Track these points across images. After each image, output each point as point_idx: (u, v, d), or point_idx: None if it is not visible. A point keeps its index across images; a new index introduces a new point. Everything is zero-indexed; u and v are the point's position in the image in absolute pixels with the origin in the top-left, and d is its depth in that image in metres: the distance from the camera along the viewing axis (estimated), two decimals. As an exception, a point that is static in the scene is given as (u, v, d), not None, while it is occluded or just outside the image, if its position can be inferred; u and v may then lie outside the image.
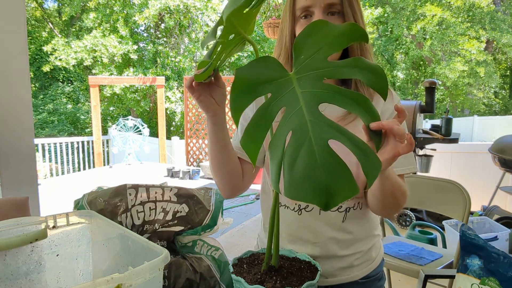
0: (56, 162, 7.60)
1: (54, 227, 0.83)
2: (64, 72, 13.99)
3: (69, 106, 13.76)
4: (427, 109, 3.58)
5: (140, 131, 7.98)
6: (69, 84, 14.50)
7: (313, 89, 0.59)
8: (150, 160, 8.29)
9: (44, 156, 7.27)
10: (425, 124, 4.58)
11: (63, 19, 14.70)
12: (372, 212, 0.98)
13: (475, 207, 3.54)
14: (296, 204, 0.95)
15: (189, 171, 6.50)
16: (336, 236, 0.94)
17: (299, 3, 0.87)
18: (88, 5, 12.30)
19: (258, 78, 0.60)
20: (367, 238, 1.00)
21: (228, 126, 0.94)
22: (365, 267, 0.99)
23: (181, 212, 1.05)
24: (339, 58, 0.89)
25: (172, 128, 12.67)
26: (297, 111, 0.57)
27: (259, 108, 0.58)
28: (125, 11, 11.69)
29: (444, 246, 2.64)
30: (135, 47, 11.33)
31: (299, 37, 0.63)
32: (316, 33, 0.62)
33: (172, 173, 6.63)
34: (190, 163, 7.89)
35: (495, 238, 2.40)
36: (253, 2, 0.65)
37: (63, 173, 7.84)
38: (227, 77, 7.59)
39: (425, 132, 3.70)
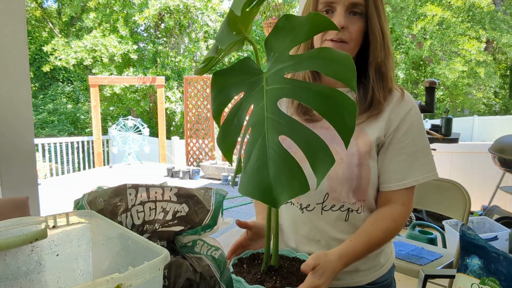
0: (56, 162, 7.60)
1: (54, 227, 0.83)
2: (64, 72, 13.98)
3: (69, 106, 13.75)
4: (427, 109, 3.57)
5: (140, 131, 7.98)
6: (69, 84, 14.50)
7: (276, 85, 0.59)
8: (150, 160, 8.29)
9: (44, 156, 7.27)
10: (425, 124, 4.59)
11: (63, 19, 14.70)
12: None
13: (475, 207, 3.54)
14: (297, 202, 0.94)
15: (189, 171, 6.50)
16: (340, 237, 0.91)
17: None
18: (88, 5, 12.30)
19: (232, 79, 0.62)
20: None
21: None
22: (372, 273, 0.95)
23: (181, 212, 1.05)
24: (356, 61, 0.87)
25: (172, 128, 12.67)
26: (260, 107, 0.57)
27: (232, 107, 0.60)
28: (125, 11, 11.69)
29: (444, 246, 2.64)
30: (135, 47, 11.33)
31: (269, 35, 0.63)
32: (281, 28, 0.61)
33: (172, 173, 6.63)
34: (190, 163, 7.89)
35: (495, 238, 2.40)
36: (254, 2, 0.65)
37: (63, 173, 7.84)
38: None
39: (425, 132, 3.70)
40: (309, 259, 0.71)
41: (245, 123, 0.61)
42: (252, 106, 0.59)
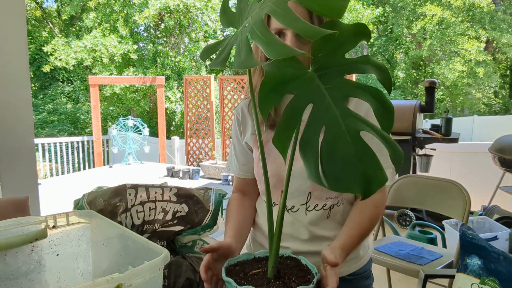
0: (56, 162, 7.60)
1: (54, 227, 0.83)
2: (64, 72, 13.98)
3: (69, 106, 13.75)
4: (427, 108, 3.58)
5: (140, 131, 7.98)
6: (69, 84, 14.50)
7: (337, 85, 0.62)
8: (150, 160, 8.29)
9: (44, 156, 7.27)
10: (425, 124, 4.58)
11: (63, 19, 14.70)
12: None
13: (475, 206, 3.54)
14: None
15: (189, 171, 6.50)
16: (322, 234, 0.97)
17: (273, 24, 0.89)
18: (88, 5, 12.30)
19: (284, 76, 0.61)
20: None
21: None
22: (351, 264, 1.01)
23: (180, 212, 1.05)
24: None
25: (172, 128, 12.66)
26: (325, 106, 0.59)
27: (287, 107, 0.60)
28: (125, 11, 11.69)
29: (444, 246, 2.64)
30: (135, 47, 11.32)
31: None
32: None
33: (172, 173, 6.63)
34: (190, 163, 7.89)
35: (495, 238, 2.40)
36: None
37: (63, 173, 7.84)
38: (227, 77, 7.59)
39: (425, 131, 3.70)
40: (328, 254, 0.74)
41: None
42: (311, 104, 0.60)
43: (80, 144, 8.03)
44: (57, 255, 0.83)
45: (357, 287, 1.03)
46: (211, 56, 0.73)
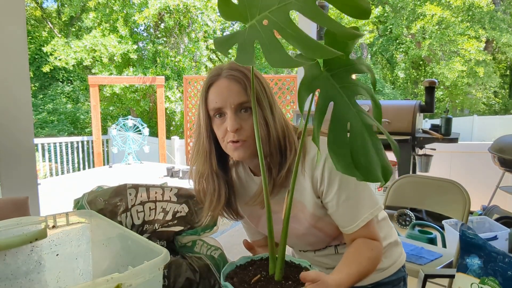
0: (56, 162, 7.59)
1: (54, 226, 0.83)
2: (63, 72, 13.97)
3: (69, 106, 13.74)
4: (427, 108, 3.58)
5: (140, 130, 7.97)
6: (69, 84, 14.49)
7: (346, 84, 0.66)
8: (150, 160, 8.28)
9: (44, 156, 7.27)
10: (425, 123, 4.58)
11: (63, 19, 14.69)
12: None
13: (475, 206, 3.54)
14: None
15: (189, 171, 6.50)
16: (334, 265, 0.94)
17: (211, 104, 0.88)
18: (88, 5, 12.29)
19: (313, 75, 0.66)
20: None
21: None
22: (375, 274, 1.00)
23: (181, 212, 1.05)
24: None
25: (172, 128, 12.66)
26: (343, 104, 0.64)
27: (320, 104, 0.64)
28: (124, 11, 11.68)
29: (444, 245, 2.64)
30: (135, 46, 11.31)
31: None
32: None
33: (172, 173, 6.62)
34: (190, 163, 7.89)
35: (495, 238, 2.40)
36: None
37: (63, 173, 7.83)
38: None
39: (424, 131, 3.70)
40: (311, 271, 0.72)
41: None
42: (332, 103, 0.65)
43: (80, 144, 8.03)
44: (57, 255, 0.83)
45: None
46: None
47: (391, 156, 3.85)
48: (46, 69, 11.62)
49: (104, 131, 9.25)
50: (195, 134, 0.96)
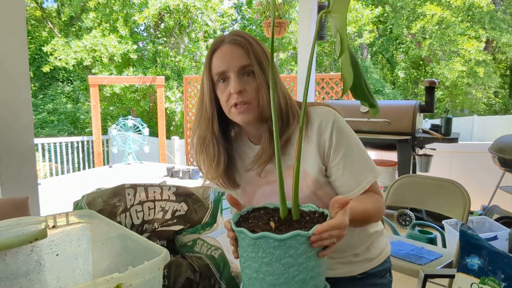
0: (56, 162, 7.59)
1: (54, 226, 0.83)
2: (64, 72, 13.97)
3: (69, 105, 13.74)
4: (427, 108, 3.58)
5: (140, 130, 7.97)
6: (69, 84, 14.49)
7: None
8: (150, 160, 8.28)
9: (44, 156, 7.26)
10: (425, 123, 4.58)
11: (63, 19, 14.68)
12: None
13: (475, 206, 3.54)
14: None
15: (189, 171, 6.50)
16: None
17: (215, 69, 0.91)
18: (88, 5, 12.29)
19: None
20: (365, 237, 1.03)
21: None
22: (363, 264, 1.03)
23: (180, 210, 1.05)
24: None
25: (172, 128, 12.66)
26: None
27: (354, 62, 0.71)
28: (124, 11, 11.68)
29: (444, 245, 2.64)
30: (135, 46, 11.31)
31: None
32: None
33: (172, 173, 6.62)
34: (190, 163, 7.89)
35: (495, 238, 2.40)
36: None
37: (63, 173, 7.83)
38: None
39: (425, 131, 3.70)
40: (342, 196, 0.73)
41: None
42: None
43: (80, 144, 8.03)
44: (57, 255, 0.83)
45: (368, 284, 1.04)
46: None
47: (391, 156, 3.85)
48: (46, 69, 11.62)
49: (104, 131, 9.25)
50: (197, 103, 0.98)
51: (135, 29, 12.59)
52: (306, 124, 0.93)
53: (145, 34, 13.07)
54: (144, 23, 11.42)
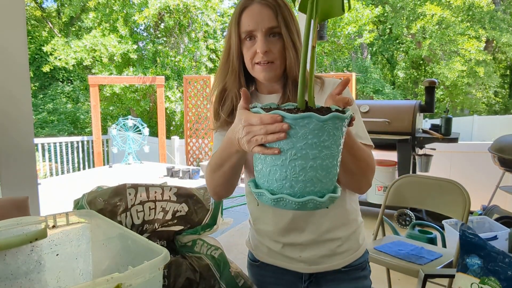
0: (56, 162, 7.59)
1: (54, 226, 0.83)
2: (63, 71, 13.98)
3: (69, 105, 13.75)
4: (427, 108, 3.58)
5: (140, 130, 7.97)
6: (69, 84, 14.50)
7: None
8: (150, 160, 8.28)
9: (44, 155, 7.27)
10: (424, 123, 4.59)
11: (63, 19, 14.69)
12: (348, 193, 1.03)
13: (475, 206, 3.54)
14: None
15: (189, 171, 6.50)
16: (317, 221, 1.00)
17: (243, 27, 0.94)
18: (88, 4, 12.30)
19: None
20: (347, 223, 1.04)
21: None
22: (347, 256, 1.04)
23: (180, 211, 1.05)
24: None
25: (172, 128, 12.66)
26: None
27: None
28: (124, 11, 11.69)
29: (444, 245, 2.64)
30: (135, 46, 11.32)
31: None
32: None
33: (172, 173, 6.63)
34: (190, 163, 7.89)
35: (495, 238, 2.40)
36: None
37: (63, 172, 7.83)
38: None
39: (424, 131, 3.70)
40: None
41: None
42: None
43: (80, 144, 8.03)
44: (57, 255, 0.83)
45: (352, 278, 1.05)
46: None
47: (391, 156, 3.85)
48: (46, 69, 11.62)
49: (104, 131, 9.25)
50: (222, 58, 1.01)
51: (135, 29, 12.59)
52: (321, 86, 0.99)
53: (145, 34, 13.07)
54: (144, 23, 11.43)
